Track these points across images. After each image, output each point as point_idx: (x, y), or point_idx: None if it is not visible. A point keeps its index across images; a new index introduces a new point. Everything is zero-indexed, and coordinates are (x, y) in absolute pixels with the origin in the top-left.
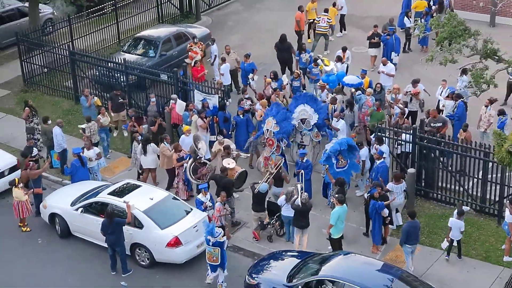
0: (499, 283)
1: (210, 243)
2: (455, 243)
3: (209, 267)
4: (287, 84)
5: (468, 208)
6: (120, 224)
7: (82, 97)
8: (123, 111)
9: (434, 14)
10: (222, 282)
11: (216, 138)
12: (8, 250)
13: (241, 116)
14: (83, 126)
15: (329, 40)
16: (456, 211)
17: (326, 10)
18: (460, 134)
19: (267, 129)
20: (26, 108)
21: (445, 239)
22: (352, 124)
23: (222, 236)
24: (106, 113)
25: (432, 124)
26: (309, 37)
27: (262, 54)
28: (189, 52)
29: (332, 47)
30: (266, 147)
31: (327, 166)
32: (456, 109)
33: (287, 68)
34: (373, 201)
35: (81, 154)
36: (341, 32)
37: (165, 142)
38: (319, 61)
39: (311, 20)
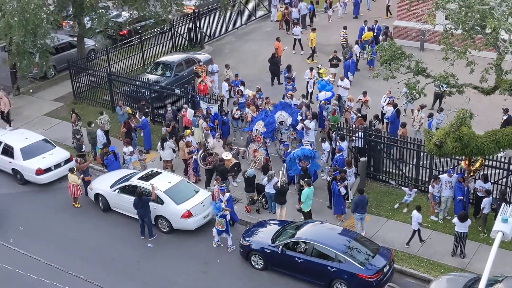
0: (428, 242)
1: (219, 215)
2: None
3: (215, 231)
4: (253, 95)
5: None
6: (147, 201)
7: (117, 107)
8: (147, 117)
9: (382, 42)
10: (231, 245)
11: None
12: (64, 221)
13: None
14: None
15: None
16: (415, 206)
17: (345, 27)
18: (399, 130)
19: (256, 129)
20: (73, 114)
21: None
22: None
23: (224, 210)
24: (132, 119)
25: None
26: (308, 58)
27: (249, 73)
28: (199, 73)
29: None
30: (255, 142)
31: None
32: (390, 114)
33: (275, 79)
34: (334, 182)
35: (115, 151)
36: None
37: (183, 140)
38: (316, 73)
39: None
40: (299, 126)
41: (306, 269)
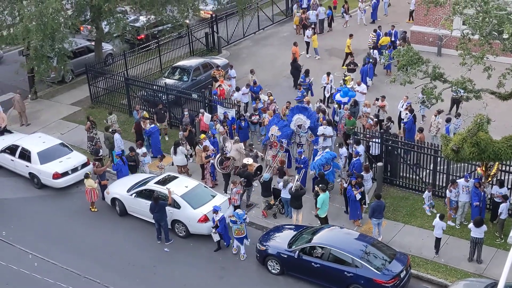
0: (445, 247)
1: (238, 223)
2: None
3: (236, 241)
4: (268, 101)
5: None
6: (163, 206)
7: (134, 112)
8: (164, 121)
9: (400, 47)
10: (244, 253)
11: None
12: (80, 225)
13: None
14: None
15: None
16: (438, 215)
17: (375, 30)
18: (416, 135)
19: (272, 134)
20: (88, 122)
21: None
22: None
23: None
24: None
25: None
26: (343, 65)
27: (266, 78)
28: (217, 78)
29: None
30: (273, 148)
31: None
32: (407, 120)
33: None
34: (350, 187)
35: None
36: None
37: (199, 145)
38: (341, 81)
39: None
40: (320, 139)
41: (323, 274)
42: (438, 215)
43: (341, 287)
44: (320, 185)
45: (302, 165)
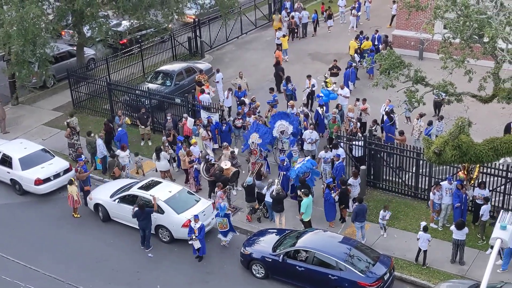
0: (428, 249)
1: (220, 215)
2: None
3: (221, 234)
4: (257, 105)
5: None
6: (149, 213)
7: (116, 117)
8: (148, 126)
9: (382, 50)
10: (227, 241)
11: (219, 146)
12: (63, 231)
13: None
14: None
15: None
16: (422, 227)
17: (358, 36)
18: (397, 137)
19: (252, 142)
20: (68, 128)
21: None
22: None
23: (228, 210)
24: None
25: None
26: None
27: (249, 82)
28: (202, 82)
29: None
30: (252, 155)
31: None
32: (385, 123)
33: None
34: (327, 189)
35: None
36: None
37: (182, 150)
38: (322, 83)
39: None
40: (306, 146)
41: (307, 278)
42: (422, 227)
43: None
44: (303, 190)
45: (285, 172)
